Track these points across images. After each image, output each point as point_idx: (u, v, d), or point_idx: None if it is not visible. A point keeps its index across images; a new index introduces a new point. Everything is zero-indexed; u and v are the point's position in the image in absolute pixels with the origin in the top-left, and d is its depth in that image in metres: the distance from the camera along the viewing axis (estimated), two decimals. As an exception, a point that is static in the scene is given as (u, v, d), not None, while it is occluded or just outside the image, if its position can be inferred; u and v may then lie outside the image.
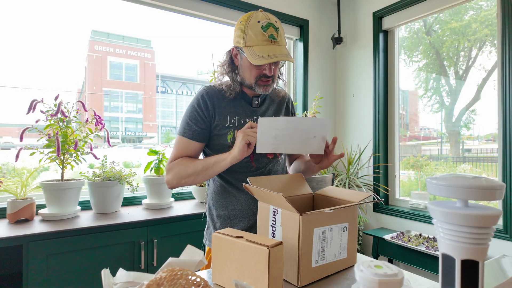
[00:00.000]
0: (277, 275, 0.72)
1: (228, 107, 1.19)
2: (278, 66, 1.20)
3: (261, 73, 1.15)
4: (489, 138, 2.35)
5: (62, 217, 1.68)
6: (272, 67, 1.14)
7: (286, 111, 1.35)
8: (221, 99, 1.20)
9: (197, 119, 1.17)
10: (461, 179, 0.49)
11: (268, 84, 1.17)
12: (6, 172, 1.93)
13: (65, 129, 1.72)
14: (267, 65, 1.13)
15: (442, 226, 0.50)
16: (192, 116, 1.18)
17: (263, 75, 1.15)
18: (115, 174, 1.83)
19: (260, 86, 1.17)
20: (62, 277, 1.52)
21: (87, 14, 2.82)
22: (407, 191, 2.73)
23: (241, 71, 1.20)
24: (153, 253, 1.73)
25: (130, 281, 0.61)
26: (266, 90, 1.18)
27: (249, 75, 1.17)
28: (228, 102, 1.20)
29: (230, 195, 1.21)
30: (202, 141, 1.19)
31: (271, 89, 1.19)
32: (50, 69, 2.72)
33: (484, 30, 2.28)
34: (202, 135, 1.18)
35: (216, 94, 1.20)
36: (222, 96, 1.20)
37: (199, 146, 1.19)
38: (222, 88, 1.21)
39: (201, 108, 1.17)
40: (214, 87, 1.22)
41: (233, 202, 1.20)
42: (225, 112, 1.18)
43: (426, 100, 2.72)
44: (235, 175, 1.19)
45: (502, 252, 2.00)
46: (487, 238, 0.48)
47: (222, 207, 1.22)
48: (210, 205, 1.27)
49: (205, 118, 1.17)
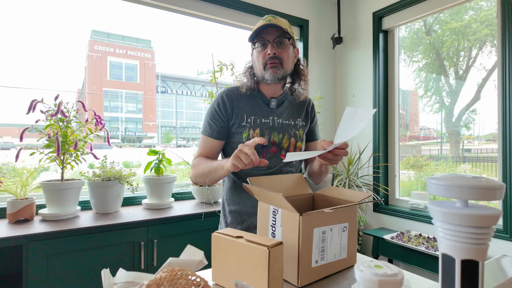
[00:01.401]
0: (277, 275, 0.72)
1: (246, 107, 1.25)
2: (284, 47, 1.22)
3: (265, 56, 1.21)
4: (489, 138, 2.35)
5: (62, 217, 1.68)
6: (275, 48, 1.20)
7: (306, 115, 1.36)
8: (240, 100, 1.26)
9: (216, 118, 1.25)
10: (461, 179, 0.49)
11: (275, 65, 1.21)
12: (6, 172, 1.93)
13: (65, 129, 1.72)
14: (269, 45, 1.20)
15: (442, 226, 0.50)
16: (212, 116, 1.26)
17: (268, 58, 1.20)
18: (115, 174, 1.83)
19: (268, 70, 1.21)
20: (62, 277, 1.51)
21: (87, 14, 2.83)
22: (407, 191, 2.73)
23: (255, 69, 1.28)
24: (153, 253, 1.73)
25: (130, 281, 0.61)
26: (274, 73, 1.21)
27: (258, 63, 1.24)
28: (247, 102, 1.26)
29: (242, 191, 1.26)
30: (221, 139, 1.26)
31: (280, 72, 1.22)
32: (50, 69, 2.73)
33: (484, 30, 2.28)
34: (221, 133, 1.25)
35: (235, 95, 1.27)
36: (241, 97, 1.27)
37: (219, 144, 1.27)
38: (240, 88, 1.29)
39: (220, 108, 1.24)
40: (234, 88, 1.30)
41: (244, 198, 1.26)
42: (243, 112, 1.24)
43: (426, 100, 2.73)
44: (248, 171, 1.23)
45: (502, 252, 2.00)
46: (487, 238, 0.48)
47: (234, 202, 1.28)
48: (224, 200, 1.33)
49: (223, 117, 1.24)
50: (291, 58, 1.28)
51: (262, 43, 1.22)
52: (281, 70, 1.22)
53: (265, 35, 1.21)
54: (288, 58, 1.24)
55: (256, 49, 1.24)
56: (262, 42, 1.22)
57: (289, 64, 1.27)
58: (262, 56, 1.22)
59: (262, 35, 1.22)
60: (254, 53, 1.27)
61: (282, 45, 1.22)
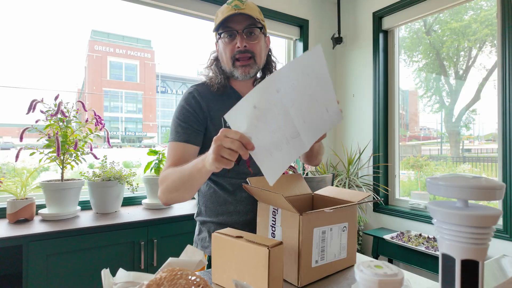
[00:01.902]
0: (277, 275, 0.72)
1: (222, 109, 1.07)
2: (255, 39, 1.06)
3: (234, 49, 1.04)
4: (489, 138, 2.35)
5: (62, 217, 1.68)
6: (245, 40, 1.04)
7: None
8: (214, 100, 1.09)
9: (190, 118, 1.05)
10: (461, 179, 0.49)
11: (247, 64, 1.05)
12: (6, 172, 1.93)
13: (65, 129, 1.72)
14: (238, 36, 1.03)
15: (442, 226, 0.50)
16: (184, 117, 1.05)
17: (238, 51, 1.04)
18: (115, 174, 1.83)
19: (238, 68, 1.06)
20: (62, 277, 1.51)
21: (87, 14, 2.83)
22: (407, 191, 2.73)
23: (222, 62, 1.11)
24: (153, 253, 1.73)
25: (130, 281, 0.61)
26: (245, 72, 1.06)
27: (225, 57, 1.07)
28: (222, 103, 1.09)
29: (225, 201, 1.10)
30: (198, 144, 1.06)
31: (253, 70, 1.07)
32: (50, 69, 2.73)
33: (484, 30, 2.28)
34: (199, 137, 1.06)
35: (207, 94, 1.10)
36: (214, 96, 1.10)
37: (195, 152, 1.05)
38: (209, 84, 1.12)
39: (194, 108, 1.06)
40: (203, 84, 1.13)
41: (229, 208, 1.10)
42: (219, 114, 1.07)
43: (426, 100, 2.73)
44: (230, 180, 1.09)
45: (502, 252, 2.00)
46: (487, 238, 0.48)
47: (217, 214, 1.11)
48: (202, 211, 1.16)
49: (199, 119, 1.06)
50: (264, 50, 1.12)
51: (230, 33, 1.05)
52: (254, 68, 1.07)
53: (232, 24, 1.04)
54: (260, 51, 1.08)
55: (222, 40, 1.07)
56: (230, 32, 1.04)
57: (262, 58, 1.11)
58: (230, 49, 1.05)
59: (229, 24, 1.04)
60: (219, 44, 1.09)
61: (253, 35, 1.05)
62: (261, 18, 1.08)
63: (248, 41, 1.05)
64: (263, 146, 0.72)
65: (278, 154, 0.75)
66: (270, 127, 0.72)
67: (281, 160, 0.75)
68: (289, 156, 0.78)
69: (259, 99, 0.69)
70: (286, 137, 0.74)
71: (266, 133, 0.72)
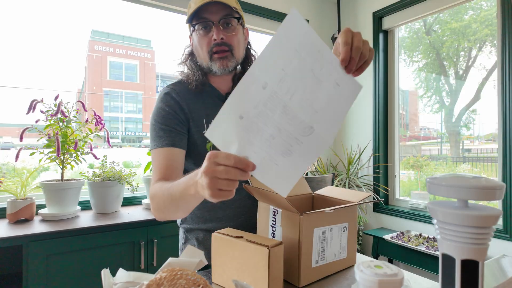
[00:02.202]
0: (277, 275, 0.72)
1: (204, 109, 1.01)
2: (233, 30, 0.98)
3: (210, 42, 0.96)
4: (489, 138, 2.35)
5: (62, 217, 1.68)
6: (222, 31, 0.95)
7: None
8: (193, 99, 1.01)
9: (172, 121, 0.96)
10: (461, 179, 0.49)
11: (224, 56, 0.97)
12: (6, 172, 1.93)
13: (65, 129, 1.72)
14: (214, 28, 0.95)
15: (442, 226, 0.50)
16: (165, 119, 0.96)
17: (214, 44, 0.95)
18: (115, 174, 1.83)
19: (216, 61, 0.97)
20: (62, 277, 1.51)
21: (87, 14, 2.82)
22: (407, 191, 2.73)
23: (198, 57, 1.03)
24: (153, 253, 1.73)
25: (130, 281, 0.61)
26: (223, 65, 0.97)
27: (202, 51, 0.99)
28: (202, 102, 1.02)
29: (213, 207, 1.03)
30: (184, 148, 0.98)
31: (231, 64, 0.99)
32: (50, 69, 2.72)
33: (484, 30, 2.28)
34: (184, 140, 0.98)
35: (186, 93, 1.01)
36: (193, 95, 1.02)
37: (183, 155, 0.97)
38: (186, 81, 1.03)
39: (174, 109, 0.97)
40: (180, 83, 1.04)
41: (218, 214, 1.04)
42: (201, 116, 1.00)
43: (426, 100, 2.73)
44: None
45: (502, 252, 2.00)
46: (487, 238, 0.48)
47: (203, 220, 1.05)
48: (188, 218, 1.08)
49: (181, 120, 0.98)
50: (242, 42, 1.04)
51: (205, 25, 0.96)
52: (232, 61, 0.99)
53: (207, 14, 0.95)
54: (238, 43, 1.01)
55: (197, 32, 0.98)
56: (205, 24, 0.96)
57: (240, 51, 1.03)
58: (206, 42, 0.96)
59: (203, 14, 0.95)
60: (194, 38, 1.00)
61: (230, 27, 0.97)
62: (239, 8, 1.00)
63: (225, 33, 0.96)
64: (264, 158, 0.59)
65: (287, 161, 0.61)
66: (267, 134, 0.58)
67: (292, 166, 0.61)
68: (305, 159, 0.63)
69: (244, 105, 0.56)
70: (295, 137, 0.61)
71: (263, 142, 0.58)
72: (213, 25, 0.95)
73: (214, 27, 0.95)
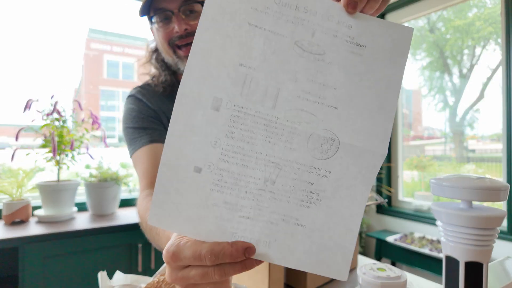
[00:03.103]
0: (278, 278, 0.71)
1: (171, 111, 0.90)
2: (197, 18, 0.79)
3: (171, 34, 0.81)
4: (493, 138, 2.32)
5: (58, 218, 1.66)
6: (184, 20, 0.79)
7: None
8: (164, 102, 0.89)
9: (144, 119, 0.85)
10: (465, 179, 0.49)
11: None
12: (1, 173, 1.91)
13: (61, 129, 1.71)
14: (174, 18, 0.79)
15: (445, 228, 0.50)
16: (136, 120, 0.85)
17: (177, 37, 0.81)
18: (112, 175, 1.81)
19: (183, 58, 0.83)
20: (59, 279, 1.50)
21: (83, 12, 2.82)
22: (411, 192, 2.70)
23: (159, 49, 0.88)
24: (151, 255, 1.71)
25: (127, 284, 0.62)
26: None
27: (163, 46, 0.85)
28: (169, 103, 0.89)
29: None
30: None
31: None
32: (46, 68, 2.71)
33: (488, 28, 2.26)
34: (164, 135, 0.82)
35: (154, 96, 0.89)
36: (161, 98, 0.89)
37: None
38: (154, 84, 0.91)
39: (143, 108, 0.86)
40: (147, 85, 0.92)
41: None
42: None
43: (430, 99, 2.70)
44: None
45: (507, 254, 1.96)
46: (491, 239, 0.47)
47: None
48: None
49: (154, 118, 0.86)
50: None
51: (163, 16, 0.80)
52: None
53: (164, 3, 0.79)
54: None
55: (155, 25, 0.83)
56: (163, 14, 0.80)
57: None
58: (167, 34, 0.81)
59: (160, 4, 0.79)
60: (154, 31, 0.86)
61: (193, 14, 0.80)
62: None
63: (189, 21, 0.80)
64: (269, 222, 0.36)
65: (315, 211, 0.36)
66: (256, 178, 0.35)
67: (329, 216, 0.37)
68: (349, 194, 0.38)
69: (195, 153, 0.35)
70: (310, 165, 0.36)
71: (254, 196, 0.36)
72: (173, 15, 0.79)
73: (174, 17, 0.79)
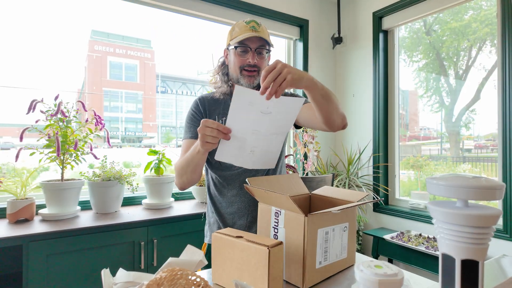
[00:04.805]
0: (277, 275, 0.72)
1: (218, 109, 1.29)
2: (263, 58, 1.25)
3: (244, 62, 1.23)
4: (489, 138, 2.35)
5: (62, 217, 1.68)
6: (256, 57, 1.22)
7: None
8: (213, 103, 1.31)
9: (194, 120, 1.28)
10: (461, 179, 0.49)
11: (253, 75, 1.23)
12: (6, 172, 1.92)
13: (65, 129, 1.72)
14: (250, 53, 1.22)
15: (442, 226, 0.50)
16: (190, 119, 1.29)
17: (247, 64, 1.22)
18: (115, 174, 1.83)
19: (245, 77, 1.23)
20: (62, 277, 1.51)
21: (87, 14, 2.82)
22: (407, 191, 2.73)
23: (229, 68, 1.30)
24: (153, 253, 1.73)
25: (130, 281, 0.61)
26: (251, 82, 1.24)
27: (234, 67, 1.25)
28: (219, 104, 1.30)
29: (223, 194, 1.30)
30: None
31: (256, 81, 1.25)
32: (50, 69, 2.71)
33: (484, 29, 2.28)
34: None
35: (208, 99, 1.32)
36: (214, 100, 1.31)
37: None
38: (215, 94, 1.32)
39: (195, 111, 1.30)
40: (208, 94, 1.35)
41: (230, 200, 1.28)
42: (215, 113, 1.29)
43: (426, 100, 2.72)
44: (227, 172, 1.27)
45: (502, 252, 2.00)
46: (487, 238, 0.48)
47: (217, 206, 1.32)
48: (208, 203, 1.38)
49: (200, 118, 1.26)
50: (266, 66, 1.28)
51: (244, 49, 1.23)
52: (257, 79, 1.25)
53: (248, 42, 1.22)
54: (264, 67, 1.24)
55: (237, 52, 1.24)
56: (244, 49, 1.23)
57: None
58: (241, 61, 1.23)
59: (245, 41, 1.22)
60: (231, 54, 1.27)
61: (261, 55, 1.24)
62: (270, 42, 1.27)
63: (258, 58, 1.23)
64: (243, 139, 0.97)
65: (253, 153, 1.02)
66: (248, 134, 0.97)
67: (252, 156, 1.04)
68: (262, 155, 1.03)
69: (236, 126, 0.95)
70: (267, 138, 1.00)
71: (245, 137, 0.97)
72: (250, 50, 1.22)
73: (250, 52, 1.22)
